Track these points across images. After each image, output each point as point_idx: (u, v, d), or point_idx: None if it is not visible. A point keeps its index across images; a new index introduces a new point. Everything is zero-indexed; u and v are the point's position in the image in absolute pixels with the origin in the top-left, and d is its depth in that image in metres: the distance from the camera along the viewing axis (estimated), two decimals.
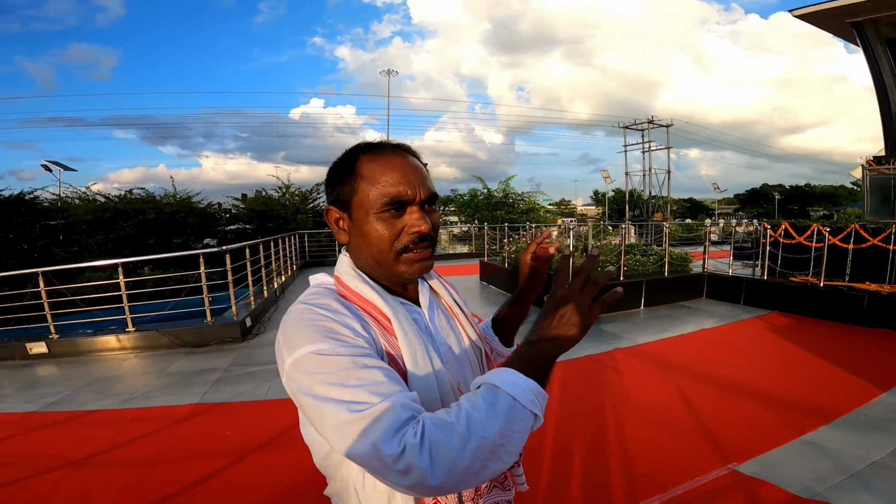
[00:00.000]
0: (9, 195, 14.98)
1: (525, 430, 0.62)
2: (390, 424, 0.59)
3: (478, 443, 0.58)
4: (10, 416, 3.73)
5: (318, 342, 0.65)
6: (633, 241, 16.16)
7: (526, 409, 0.61)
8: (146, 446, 3.08)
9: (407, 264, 0.76)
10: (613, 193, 35.22)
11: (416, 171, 0.76)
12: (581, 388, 3.80)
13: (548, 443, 2.86)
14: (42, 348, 5.93)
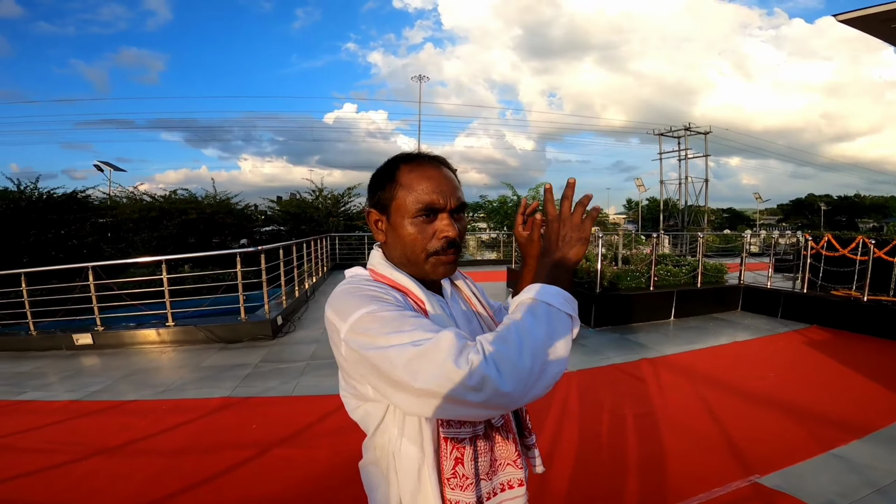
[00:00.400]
0: (62, 193, 15.96)
1: (566, 331, 0.72)
2: (454, 349, 0.66)
3: (532, 345, 0.67)
4: (53, 405, 3.97)
5: (369, 305, 0.75)
6: (667, 251, 15.78)
7: (561, 311, 0.72)
8: (177, 436, 3.22)
9: (434, 266, 0.85)
10: (647, 202, 34.37)
11: (449, 182, 0.85)
12: (604, 396, 3.74)
13: (568, 449, 2.84)
14: (87, 339, 6.28)
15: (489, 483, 0.85)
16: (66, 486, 2.53)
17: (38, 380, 4.87)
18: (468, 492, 0.81)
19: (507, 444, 0.88)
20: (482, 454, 0.84)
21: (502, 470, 0.87)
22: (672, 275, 7.16)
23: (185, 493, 2.46)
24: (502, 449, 0.87)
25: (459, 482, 0.81)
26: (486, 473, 0.84)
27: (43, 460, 2.84)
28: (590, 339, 5.62)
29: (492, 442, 0.86)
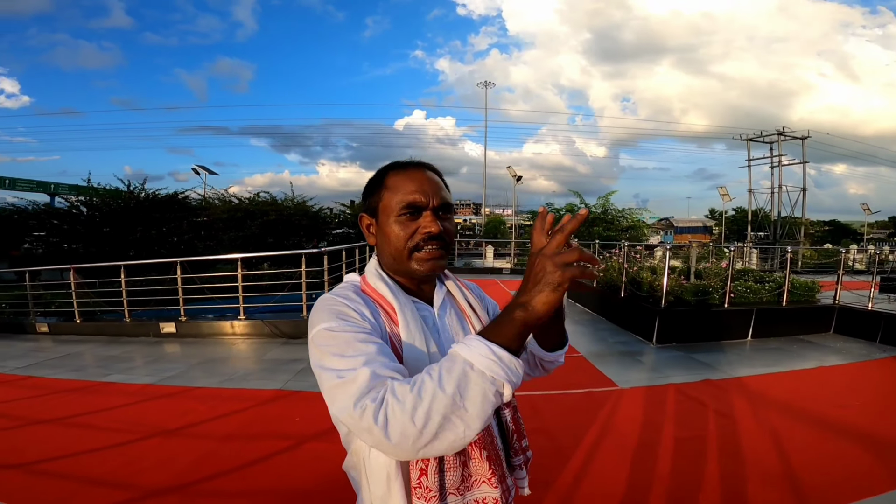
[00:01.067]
0: (165, 194, 17.76)
1: (484, 396, 0.63)
2: (361, 388, 0.66)
3: (428, 406, 0.62)
4: (132, 387, 4.40)
5: (330, 320, 0.78)
6: (755, 265, 14.44)
7: (484, 373, 0.63)
8: (229, 423, 3.44)
9: (418, 262, 0.86)
10: (734, 212, 31.64)
11: (432, 184, 0.88)
12: (654, 416, 3.48)
13: (602, 469, 2.67)
14: (171, 328, 6.91)
15: (460, 498, 0.83)
16: (120, 464, 2.77)
17: (125, 363, 5.43)
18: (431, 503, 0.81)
19: (482, 461, 0.84)
20: (451, 468, 0.82)
21: (477, 487, 0.85)
22: (752, 291, 6.53)
23: (219, 478, 2.61)
24: (477, 465, 0.84)
25: (423, 493, 0.80)
26: (457, 488, 0.83)
27: (108, 438, 3.15)
28: (648, 356, 5.27)
29: (465, 457, 0.84)
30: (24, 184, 27.73)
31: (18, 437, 3.21)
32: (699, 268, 7.62)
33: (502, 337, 0.65)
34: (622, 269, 7.16)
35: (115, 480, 2.56)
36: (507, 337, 0.65)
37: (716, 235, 32.81)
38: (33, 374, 4.90)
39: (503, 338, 0.65)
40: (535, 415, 3.50)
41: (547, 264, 0.63)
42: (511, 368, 0.64)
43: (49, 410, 3.75)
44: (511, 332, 0.65)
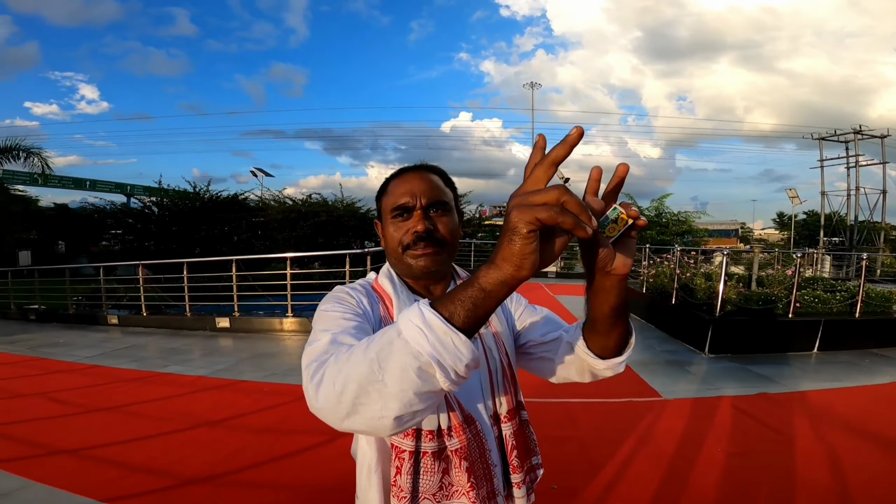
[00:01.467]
0: (226, 196, 18.79)
1: (403, 370, 0.50)
2: (318, 352, 0.66)
3: (348, 370, 0.54)
4: (186, 378, 4.67)
5: (328, 304, 0.83)
6: (827, 273, 13.30)
7: (408, 342, 0.50)
8: (268, 417, 3.57)
9: (412, 258, 0.87)
10: (805, 216, 29.25)
11: (423, 184, 0.89)
12: (700, 430, 3.27)
13: (635, 482, 2.53)
14: (226, 323, 7.28)
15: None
16: (163, 452, 2.94)
17: (183, 355, 5.78)
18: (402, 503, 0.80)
19: (461, 472, 0.81)
20: (428, 472, 0.81)
21: (457, 498, 0.83)
22: (821, 301, 6.01)
23: (250, 470, 2.71)
24: (457, 475, 0.82)
25: (397, 492, 0.81)
26: (433, 494, 0.81)
27: (156, 427, 3.35)
28: (699, 367, 4.98)
29: (445, 463, 0.82)
30: (103, 185, 30.30)
31: (77, 423, 3.48)
32: (762, 275, 7.12)
33: (449, 304, 0.51)
34: (674, 274, 6.82)
35: (156, 468, 2.71)
36: (454, 304, 0.51)
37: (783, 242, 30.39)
38: (100, 363, 5.32)
39: (449, 305, 0.51)
40: (570, 422, 3.39)
41: (510, 205, 0.49)
42: (444, 344, 0.49)
43: (109, 399, 4.05)
44: (461, 296, 0.51)
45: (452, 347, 0.50)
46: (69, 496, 2.37)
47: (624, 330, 0.78)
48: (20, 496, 2.38)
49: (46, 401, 3.96)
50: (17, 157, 13.94)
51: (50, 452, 2.90)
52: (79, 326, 8.08)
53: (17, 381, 4.68)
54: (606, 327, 0.76)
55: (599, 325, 0.76)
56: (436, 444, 0.81)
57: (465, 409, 0.85)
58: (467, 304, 0.50)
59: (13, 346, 6.55)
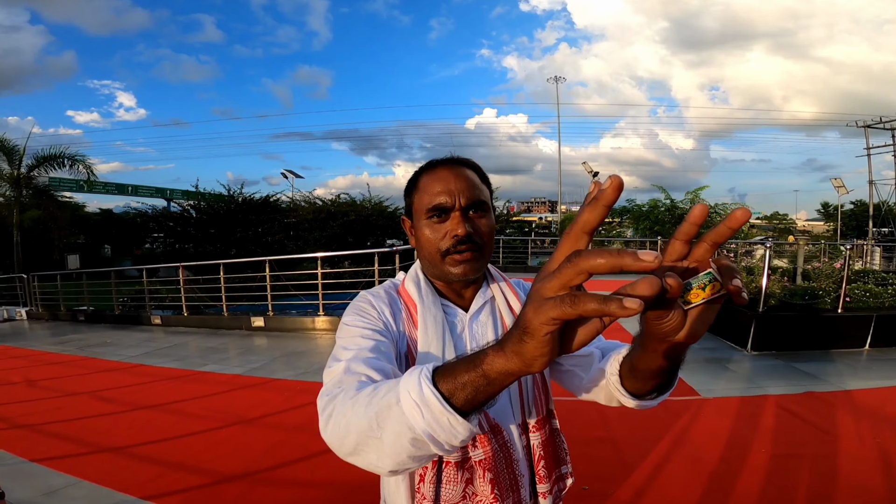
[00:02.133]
0: (259, 198, 19.29)
1: (397, 437, 0.49)
2: (333, 380, 0.67)
3: (348, 420, 0.56)
4: (222, 377, 4.81)
5: (350, 315, 0.81)
6: (877, 265, 12.54)
7: (403, 413, 0.48)
8: (299, 415, 3.63)
9: (451, 265, 0.82)
10: (853, 206, 27.72)
11: (460, 182, 0.83)
12: (741, 431, 3.13)
13: (670, 484, 2.44)
14: (260, 322, 7.47)
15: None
16: (201, 450, 3.03)
17: (220, 354, 5.97)
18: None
19: (484, 483, 0.79)
20: (451, 481, 0.79)
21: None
22: (873, 295, 5.67)
23: (285, 467, 2.77)
24: (480, 485, 0.80)
25: (420, 499, 0.80)
26: (456, 503, 0.80)
27: (196, 425, 3.46)
28: (741, 364, 4.78)
29: (469, 473, 0.80)
30: (144, 190, 31.62)
31: (122, 421, 3.63)
32: (807, 268, 6.79)
33: (452, 380, 0.47)
34: None
35: (195, 465, 2.80)
36: (456, 382, 0.46)
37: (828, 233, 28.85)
38: (144, 362, 5.54)
39: (452, 382, 0.47)
40: (603, 423, 3.31)
41: (529, 298, 0.41)
42: (440, 423, 0.47)
43: (152, 397, 4.21)
44: (464, 378, 0.46)
45: (448, 426, 0.47)
46: (111, 493, 2.47)
47: (667, 380, 0.65)
48: (67, 493, 2.50)
49: (94, 399, 4.15)
50: (62, 165, 14.70)
51: (96, 450, 3.04)
52: (125, 326, 8.47)
53: (68, 379, 4.93)
54: (647, 378, 0.64)
55: (640, 374, 0.64)
56: (459, 455, 0.79)
57: (491, 419, 0.82)
58: (468, 389, 0.46)
59: (64, 346, 6.92)
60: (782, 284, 5.79)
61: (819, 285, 5.77)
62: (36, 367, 5.52)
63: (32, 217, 15.58)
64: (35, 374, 5.14)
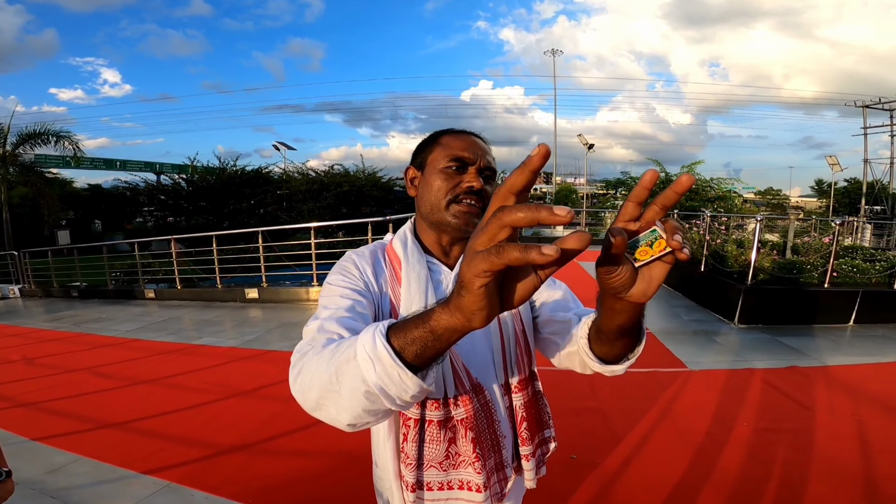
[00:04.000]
0: (251, 169, 19.05)
1: (353, 391, 0.51)
2: (307, 338, 0.69)
3: (311, 375, 0.58)
4: (218, 349, 4.87)
5: (334, 275, 0.85)
6: (868, 242, 12.65)
7: (359, 366, 0.51)
8: None
9: (454, 214, 0.85)
10: (847, 184, 27.98)
11: (481, 147, 0.90)
12: (726, 404, 3.23)
13: (656, 454, 2.54)
14: (254, 294, 7.49)
15: (443, 474, 0.84)
16: (199, 423, 3.09)
17: (215, 327, 6.00)
18: (409, 470, 0.82)
19: (466, 443, 0.82)
20: (434, 441, 0.82)
21: (463, 467, 0.83)
22: (860, 271, 5.74)
23: (281, 438, 2.84)
24: (463, 445, 0.82)
25: (404, 458, 0.83)
26: (439, 463, 0.83)
27: (194, 398, 3.52)
28: (728, 337, 4.89)
29: (452, 433, 0.83)
30: (133, 165, 31.09)
31: (121, 396, 3.68)
32: (797, 243, 6.84)
33: (404, 335, 0.49)
34: (703, 240, 6.62)
35: (194, 438, 2.86)
36: (407, 336, 0.48)
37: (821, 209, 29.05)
38: (139, 336, 5.58)
39: (403, 336, 0.49)
40: (591, 393, 3.40)
41: (464, 255, 0.42)
42: (390, 377, 0.49)
43: (149, 371, 4.25)
44: (414, 333, 0.48)
45: (398, 380, 0.49)
46: (113, 469, 2.53)
47: (631, 342, 0.70)
48: (70, 470, 2.55)
49: (92, 375, 4.20)
50: (47, 142, 14.43)
51: (97, 426, 3.09)
52: (119, 301, 8.47)
53: (65, 356, 4.96)
54: (611, 339, 0.69)
55: (605, 335, 0.69)
56: (441, 413, 0.81)
57: (473, 378, 0.84)
58: (417, 345, 0.48)
59: (59, 322, 6.94)
60: (772, 258, 5.85)
61: (807, 259, 5.84)
62: (32, 345, 5.54)
63: (20, 194, 15.34)
64: (32, 352, 5.17)
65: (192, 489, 2.32)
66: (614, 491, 2.27)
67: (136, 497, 2.26)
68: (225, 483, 2.36)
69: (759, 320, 5.28)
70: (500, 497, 0.87)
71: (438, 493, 0.84)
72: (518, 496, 0.97)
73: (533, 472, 0.90)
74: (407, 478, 0.82)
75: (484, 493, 0.82)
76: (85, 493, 2.32)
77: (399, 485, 0.85)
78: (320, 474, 2.45)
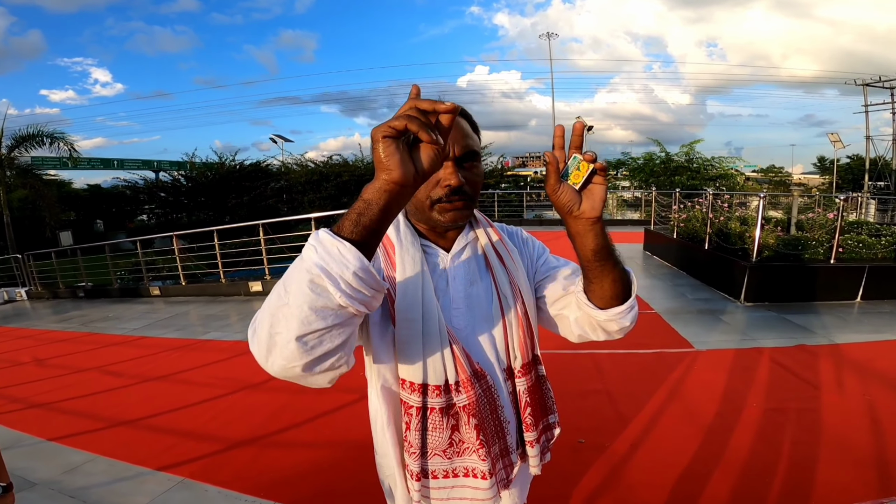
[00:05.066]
0: (249, 164, 18.99)
1: (299, 285, 0.53)
2: None
3: (266, 306, 0.57)
4: (224, 344, 4.89)
5: None
6: (872, 218, 12.55)
7: (303, 259, 0.54)
8: None
9: (440, 213, 0.81)
10: (849, 160, 27.87)
11: (454, 131, 0.80)
12: (734, 383, 3.23)
13: (664, 436, 2.55)
14: (258, 287, 7.51)
15: (447, 462, 0.83)
16: (209, 418, 3.12)
17: (221, 321, 6.03)
18: (413, 458, 0.81)
19: (470, 429, 0.81)
20: (437, 429, 0.81)
21: (468, 455, 0.83)
22: (866, 246, 5.68)
23: (290, 430, 2.86)
24: (467, 432, 0.81)
25: (408, 447, 0.81)
26: (443, 451, 0.82)
27: (203, 393, 3.54)
28: (734, 316, 4.88)
29: (455, 420, 0.82)
30: (131, 163, 31.05)
31: (132, 394, 3.71)
32: (801, 219, 6.79)
33: (337, 224, 0.55)
34: (706, 218, 6.58)
35: (205, 433, 2.89)
36: (339, 222, 0.55)
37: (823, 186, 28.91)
38: (146, 334, 5.61)
39: (337, 224, 0.55)
40: (598, 375, 3.41)
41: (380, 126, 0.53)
42: (330, 254, 0.52)
43: (158, 368, 4.28)
44: (344, 216, 0.55)
45: (338, 255, 0.52)
46: (128, 466, 2.55)
47: (616, 276, 0.78)
48: (87, 469, 2.58)
49: (102, 374, 4.23)
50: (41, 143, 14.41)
51: (110, 425, 3.12)
52: (125, 300, 8.51)
53: (75, 356, 4.99)
54: (595, 273, 0.77)
55: (588, 272, 0.78)
56: (443, 400, 0.81)
57: (474, 363, 0.83)
58: (352, 216, 0.54)
59: (67, 323, 6.98)
60: (776, 235, 5.81)
61: (812, 235, 5.79)
62: (42, 346, 5.58)
63: (20, 197, 15.36)
64: (42, 353, 5.21)
65: (206, 484, 2.34)
66: (623, 474, 2.28)
67: (152, 494, 2.29)
68: (236, 477, 2.39)
69: (766, 298, 5.26)
70: (507, 483, 0.87)
71: (444, 481, 0.84)
72: (523, 483, 0.97)
73: (538, 459, 0.90)
74: (411, 466, 0.82)
75: (490, 480, 0.82)
76: (102, 491, 2.35)
77: (402, 473, 0.84)
78: (329, 465, 2.46)
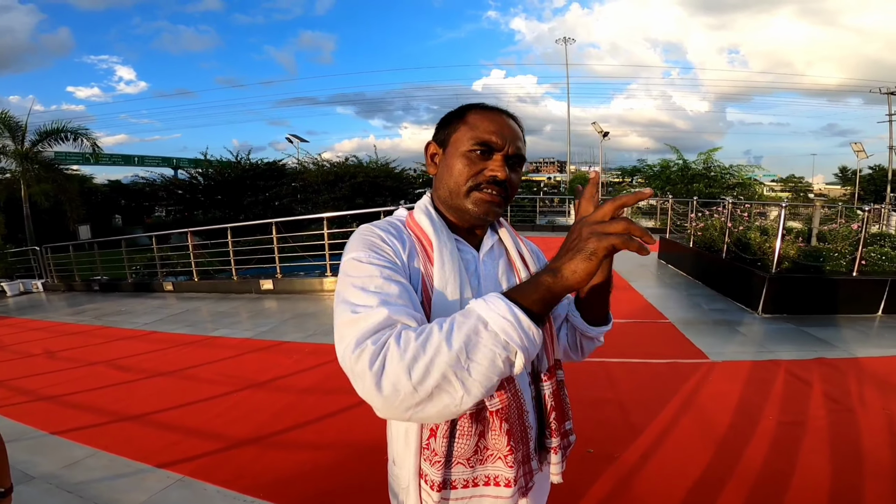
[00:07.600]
0: (266, 163, 19.20)
1: (492, 361, 0.58)
2: (370, 328, 0.62)
3: (430, 360, 0.57)
4: (233, 341, 4.89)
5: (360, 250, 0.76)
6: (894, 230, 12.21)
7: (497, 335, 0.58)
8: (308, 377, 3.70)
9: (475, 202, 0.81)
10: (871, 171, 27.32)
11: (512, 130, 0.83)
12: (750, 396, 3.12)
13: (676, 448, 2.46)
14: (269, 285, 7.54)
15: (469, 470, 0.79)
16: (214, 415, 3.10)
17: (231, 318, 6.05)
18: (436, 468, 0.77)
19: (500, 435, 0.76)
20: (464, 436, 0.76)
21: (491, 462, 0.78)
22: (889, 259, 5.50)
23: (294, 430, 2.82)
24: (495, 438, 0.77)
25: (430, 455, 0.77)
26: (467, 459, 0.78)
27: (209, 390, 3.53)
28: (751, 327, 4.73)
29: (482, 426, 0.77)
30: (151, 160, 31.73)
31: (139, 389, 3.71)
32: (823, 230, 6.60)
33: (525, 299, 0.60)
34: (724, 228, 6.42)
35: (208, 431, 2.86)
36: (530, 299, 0.59)
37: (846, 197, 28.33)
38: (158, 329, 5.65)
39: (526, 300, 0.60)
40: (609, 384, 3.32)
41: (584, 230, 0.59)
42: (528, 335, 0.58)
43: (167, 364, 4.29)
44: (535, 296, 0.60)
45: (534, 337, 0.59)
46: (128, 462, 2.53)
47: (607, 300, 0.88)
48: (87, 464, 2.56)
49: (111, 368, 4.25)
50: (65, 139, 14.75)
51: (114, 420, 3.11)
52: (138, 294, 8.61)
53: (86, 349, 5.04)
54: (593, 298, 0.87)
55: (589, 295, 0.87)
56: (475, 405, 0.76)
57: None
58: (540, 305, 0.60)
59: (81, 315, 7.08)
60: (797, 246, 5.65)
61: (834, 247, 5.62)
62: (55, 339, 5.65)
63: (43, 190, 15.71)
64: (54, 346, 5.27)
65: (205, 483, 2.31)
66: (633, 485, 2.20)
67: (151, 491, 2.26)
68: (237, 476, 2.35)
69: (784, 310, 5.11)
70: (525, 491, 0.82)
71: (463, 492, 0.80)
72: (539, 493, 0.93)
73: (559, 466, 0.86)
74: (431, 476, 0.77)
75: (513, 488, 0.78)
76: (101, 487, 2.33)
77: (416, 483, 0.80)
78: (331, 467, 2.41)
